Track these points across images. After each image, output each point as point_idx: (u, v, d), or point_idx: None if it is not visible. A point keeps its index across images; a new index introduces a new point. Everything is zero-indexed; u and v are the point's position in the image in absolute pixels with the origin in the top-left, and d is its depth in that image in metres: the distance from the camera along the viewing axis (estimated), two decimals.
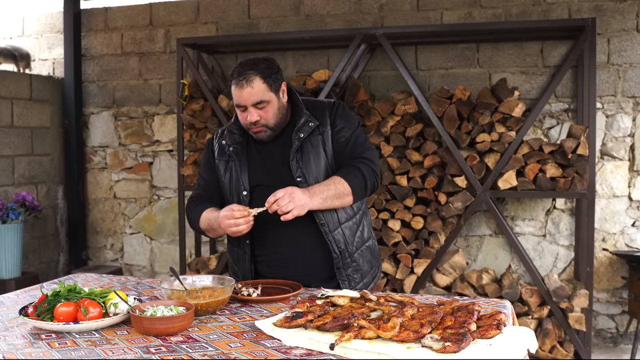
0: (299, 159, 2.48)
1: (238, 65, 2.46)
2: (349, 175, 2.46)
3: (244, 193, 2.52)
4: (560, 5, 4.72)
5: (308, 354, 1.69)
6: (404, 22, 5.00)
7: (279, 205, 2.29)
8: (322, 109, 2.57)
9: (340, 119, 2.56)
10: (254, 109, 2.42)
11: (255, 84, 2.39)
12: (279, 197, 2.29)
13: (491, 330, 1.72)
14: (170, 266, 2.15)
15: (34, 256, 5.54)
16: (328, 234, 2.50)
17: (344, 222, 2.55)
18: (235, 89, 2.42)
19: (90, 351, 1.72)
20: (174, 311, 1.90)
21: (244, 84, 2.39)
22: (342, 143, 2.54)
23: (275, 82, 2.45)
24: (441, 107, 4.50)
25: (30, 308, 2.01)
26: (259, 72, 2.41)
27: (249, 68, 2.41)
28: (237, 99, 2.44)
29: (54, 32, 5.92)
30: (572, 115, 4.72)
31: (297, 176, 2.47)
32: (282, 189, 2.32)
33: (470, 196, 4.47)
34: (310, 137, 2.51)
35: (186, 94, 4.97)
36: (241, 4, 5.38)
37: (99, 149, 5.85)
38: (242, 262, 2.60)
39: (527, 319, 4.42)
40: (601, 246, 4.74)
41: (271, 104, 2.44)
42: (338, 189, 2.43)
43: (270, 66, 2.46)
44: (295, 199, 2.30)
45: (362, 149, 2.55)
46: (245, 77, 2.39)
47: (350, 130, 2.55)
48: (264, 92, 2.41)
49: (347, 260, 2.55)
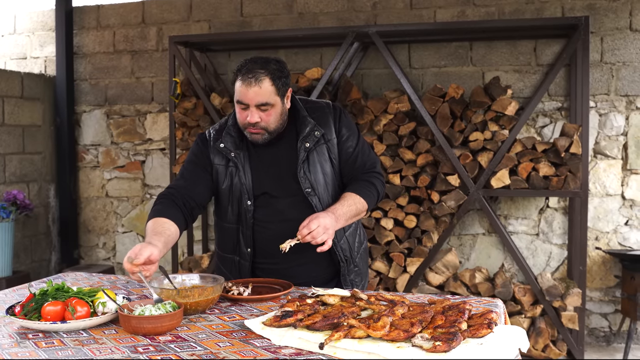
0: (306, 170, 2.42)
1: (248, 61, 2.32)
2: (365, 192, 2.43)
3: (248, 202, 2.44)
4: (553, 4, 4.72)
5: (297, 354, 1.67)
6: (397, 20, 4.99)
7: (314, 237, 2.21)
8: (324, 114, 2.49)
9: (344, 127, 2.50)
10: (256, 110, 2.30)
11: (264, 84, 2.27)
12: (313, 230, 2.20)
13: (482, 330, 1.71)
14: (160, 265, 2.13)
15: (26, 255, 5.50)
16: (336, 245, 2.47)
17: (347, 230, 2.53)
18: (242, 86, 2.29)
19: (78, 351, 1.70)
20: (162, 310, 1.88)
21: (252, 82, 2.26)
22: (350, 154, 2.50)
23: (283, 87, 2.34)
24: (434, 106, 4.49)
25: (18, 307, 1.98)
26: (270, 72, 2.29)
27: (260, 66, 2.29)
28: (241, 97, 2.30)
29: (45, 30, 5.89)
30: (565, 113, 4.72)
31: (305, 188, 2.41)
32: (313, 218, 2.23)
33: (463, 195, 4.46)
34: (316, 147, 2.45)
35: (178, 92, 4.95)
36: (234, 2, 5.36)
37: (91, 147, 5.82)
38: (239, 270, 2.53)
39: (520, 317, 4.42)
40: (594, 245, 4.74)
41: (275, 108, 2.33)
42: (358, 209, 2.41)
43: (282, 69, 2.34)
44: (329, 229, 2.23)
45: (372, 161, 2.54)
46: (255, 76, 2.26)
47: (355, 139, 2.51)
48: (270, 94, 2.29)
49: (351, 267, 2.54)
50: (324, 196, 2.45)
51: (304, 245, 2.27)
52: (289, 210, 2.44)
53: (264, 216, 2.46)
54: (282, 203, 2.45)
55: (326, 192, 2.46)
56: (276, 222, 2.45)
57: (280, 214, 2.45)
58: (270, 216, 2.46)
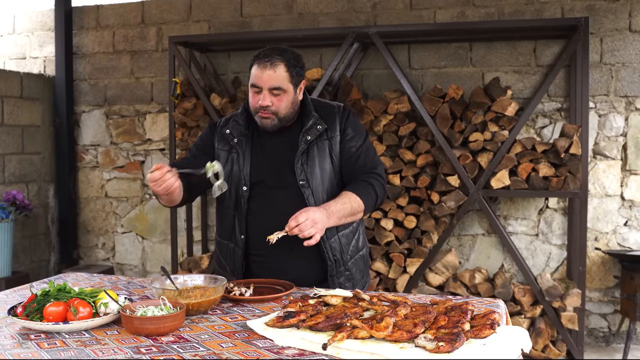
0: (304, 162, 2.45)
1: (266, 48, 2.43)
2: (362, 192, 2.42)
3: (244, 188, 2.48)
4: (553, 5, 4.72)
5: (300, 354, 1.67)
6: (397, 20, 4.99)
7: (301, 230, 2.22)
8: (331, 113, 2.53)
9: (350, 127, 2.52)
10: (268, 94, 2.38)
11: (279, 69, 2.37)
12: (301, 223, 2.22)
13: (485, 330, 1.71)
14: (162, 265, 2.13)
15: (25, 255, 5.50)
16: (325, 242, 2.46)
17: (342, 230, 2.52)
18: (257, 69, 2.38)
19: (80, 351, 1.70)
20: (164, 311, 1.88)
21: (267, 65, 2.36)
22: (353, 153, 2.50)
23: (297, 76, 2.43)
24: (434, 106, 4.49)
25: (19, 308, 1.98)
26: (286, 59, 2.39)
27: (277, 53, 2.39)
28: (256, 79, 2.39)
29: (45, 30, 5.88)
30: (565, 114, 4.72)
31: (300, 179, 2.43)
32: (303, 211, 2.25)
33: (463, 195, 4.47)
34: (318, 141, 2.48)
35: (178, 92, 4.95)
36: (234, 2, 5.36)
37: (91, 147, 5.81)
38: (233, 257, 2.56)
39: (520, 318, 4.42)
40: (593, 245, 4.75)
41: (287, 94, 2.41)
42: (353, 207, 2.39)
43: (297, 59, 2.44)
44: (318, 223, 2.24)
45: (373, 162, 2.53)
46: (271, 60, 2.36)
47: (360, 140, 2.53)
48: (283, 79, 2.38)
49: (340, 269, 2.52)
50: (319, 190, 2.46)
51: (294, 240, 2.29)
52: (283, 202, 2.45)
53: (258, 206, 2.49)
54: (276, 194, 2.48)
55: (321, 187, 2.46)
56: (270, 213, 2.47)
57: (273, 205, 2.47)
58: (264, 207, 2.49)
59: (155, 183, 2.26)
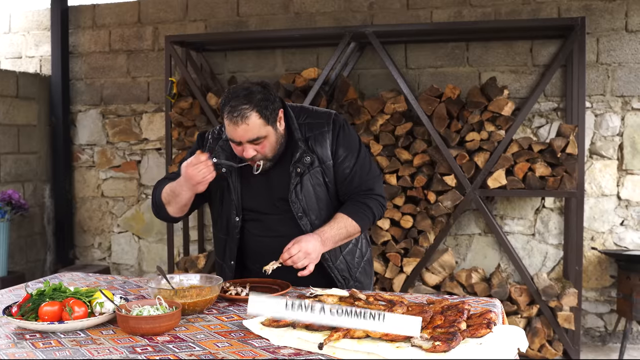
0: (298, 192, 2.35)
1: (231, 96, 2.21)
2: (358, 215, 2.36)
3: (236, 219, 2.42)
4: (549, 5, 4.72)
5: (296, 354, 1.67)
6: (394, 20, 4.99)
7: (295, 262, 2.19)
8: (321, 134, 2.38)
9: (342, 146, 2.39)
10: (249, 145, 2.24)
11: (251, 120, 2.18)
12: (294, 255, 2.19)
13: (481, 330, 1.71)
14: (158, 265, 2.12)
15: (21, 255, 5.48)
16: (331, 267, 2.43)
17: (344, 248, 2.47)
18: (229, 125, 2.20)
19: (75, 351, 1.69)
20: (160, 310, 1.87)
21: (238, 121, 2.17)
22: (347, 175, 2.40)
23: (273, 114, 2.24)
24: (431, 106, 4.49)
25: (15, 307, 1.97)
26: (255, 105, 2.18)
27: (243, 101, 2.18)
28: (232, 135, 2.23)
29: (41, 29, 5.86)
30: (562, 114, 4.73)
31: (297, 212, 2.36)
32: (296, 242, 2.22)
33: (460, 195, 4.47)
34: (310, 170, 2.36)
35: (175, 92, 4.94)
36: (230, 2, 5.35)
37: (87, 147, 5.80)
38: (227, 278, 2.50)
39: (516, 318, 4.42)
40: (590, 245, 4.75)
41: (268, 138, 2.25)
42: (349, 232, 2.36)
43: (267, 96, 2.23)
44: (311, 254, 2.21)
45: (369, 179, 2.43)
46: (240, 114, 2.17)
47: (353, 158, 2.41)
48: (260, 127, 2.21)
49: (350, 284, 2.48)
50: (316, 221, 2.38)
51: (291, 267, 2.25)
52: (278, 227, 2.41)
53: (254, 229, 2.45)
54: (271, 219, 2.43)
55: (319, 217, 2.39)
56: (266, 237, 2.43)
57: (269, 230, 2.43)
58: (260, 230, 2.45)
59: (195, 167, 2.21)
